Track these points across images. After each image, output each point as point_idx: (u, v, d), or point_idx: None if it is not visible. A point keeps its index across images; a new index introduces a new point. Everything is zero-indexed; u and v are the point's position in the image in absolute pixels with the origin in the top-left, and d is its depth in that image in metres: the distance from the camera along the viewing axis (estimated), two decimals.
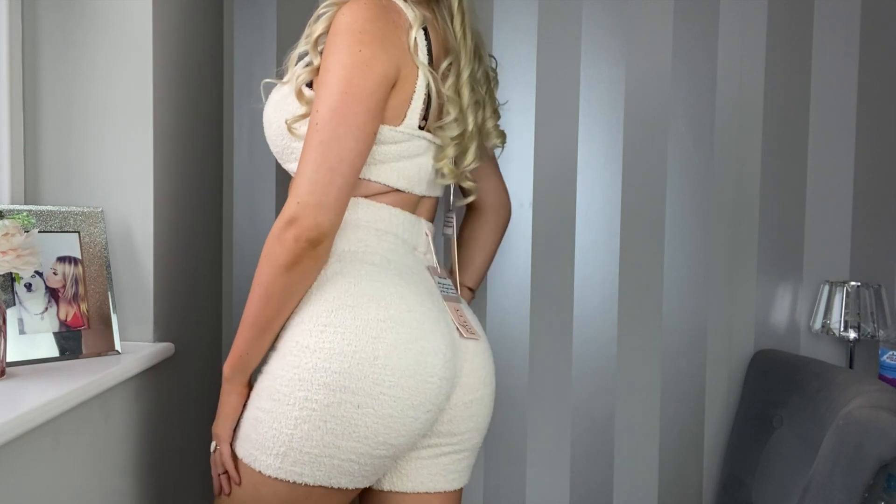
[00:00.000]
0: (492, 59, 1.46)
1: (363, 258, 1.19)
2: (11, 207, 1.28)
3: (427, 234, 1.31)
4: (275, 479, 1.13)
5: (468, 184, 1.35)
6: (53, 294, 1.28)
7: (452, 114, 1.24)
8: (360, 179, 1.20)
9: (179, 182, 1.53)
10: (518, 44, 1.80)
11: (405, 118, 1.20)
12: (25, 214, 1.25)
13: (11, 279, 1.23)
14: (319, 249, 1.10)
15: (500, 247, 1.81)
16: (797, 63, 1.81)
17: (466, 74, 1.26)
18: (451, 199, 1.45)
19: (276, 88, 1.26)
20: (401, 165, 1.23)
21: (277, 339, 1.17)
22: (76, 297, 1.31)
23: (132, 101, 1.38)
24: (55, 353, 1.26)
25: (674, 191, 1.82)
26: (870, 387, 1.45)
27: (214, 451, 1.21)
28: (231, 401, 1.20)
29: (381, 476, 1.26)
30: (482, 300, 1.83)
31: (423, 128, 1.23)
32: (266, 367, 1.17)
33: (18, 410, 0.97)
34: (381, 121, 1.16)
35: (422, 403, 1.14)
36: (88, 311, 1.32)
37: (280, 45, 1.80)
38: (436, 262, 1.33)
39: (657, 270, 1.83)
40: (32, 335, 1.24)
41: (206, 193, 1.74)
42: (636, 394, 1.84)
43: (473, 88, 1.29)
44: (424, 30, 1.22)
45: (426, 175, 1.27)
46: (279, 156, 1.27)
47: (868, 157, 1.81)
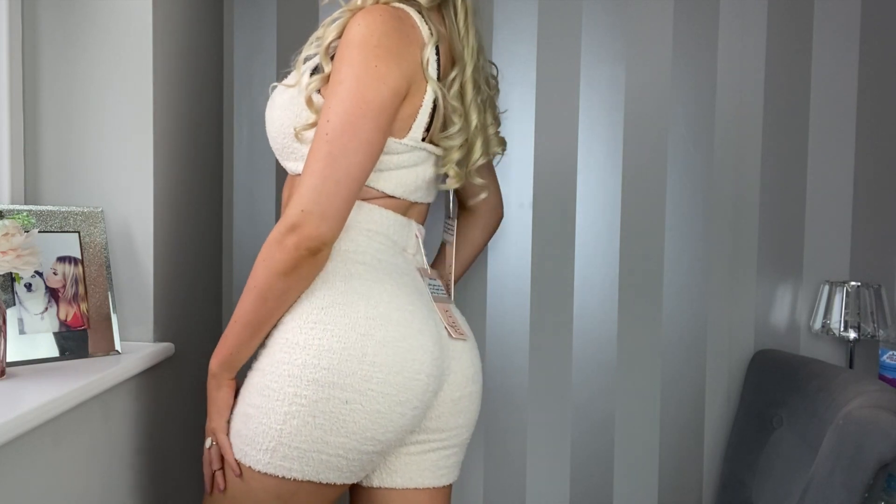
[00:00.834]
0: (492, 66, 1.46)
1: (354, 258, 1.20)
2: (11, 207, 1.28)
3: (417, 236, 1.32)
4: (264, 475, 1.15)
5: (478, 181, 1.35)
6: (53, 294, 1.28)
7: (458, 124, 1.25)
8: None
9: (179, 182, 1.53)
10: (518, 44, 1.80)
11: (410, 131, 1.20)
12: (25, 214, 1.25)
13: (11, 279, 1.23)
14: (319, 257, 1.11)
15: (501, 247, 1.83)
16: (797, 63, 1.81)
17: (469, 71, 1.26)
18: (451, 206, 1.46)
19: (281, 91, 1.25)
20: (399, 174, 1.23)
21: (268, 337, 1.18)
22: (76, 297, 1.31)
23: (132, 101, 1.38)
24: (55, 353, 1.26)
25: (674, 191, 1.82)
26: (870, 387, 1.45)
27: (210, 448, 1.22)
28: (222, 395, 1.21)
29: (370, 472, 1.27)
30: (482, 300, 1.83)
31: (425, 139, 1.24)
32: (256, 364, 1.18)
33: (18, 410, 0.97)
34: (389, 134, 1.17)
35: (409, 400, 1.15)
36: (88, 311, 1.32)
37: (280, 45, 1.81)
38: (426, 264, 1.34)
39: (657, 270, 1.83)
40: (32, 335, 1.24)
41: (206, 193, 1.74)
42: (636, 394, 1.84)
43: (477, 88, 1.29)
44: (438, 48, 1.22)
45: (423, 183, 1.28)
46: (279, 153, 1.27)
47: (868, 157, 1.81)
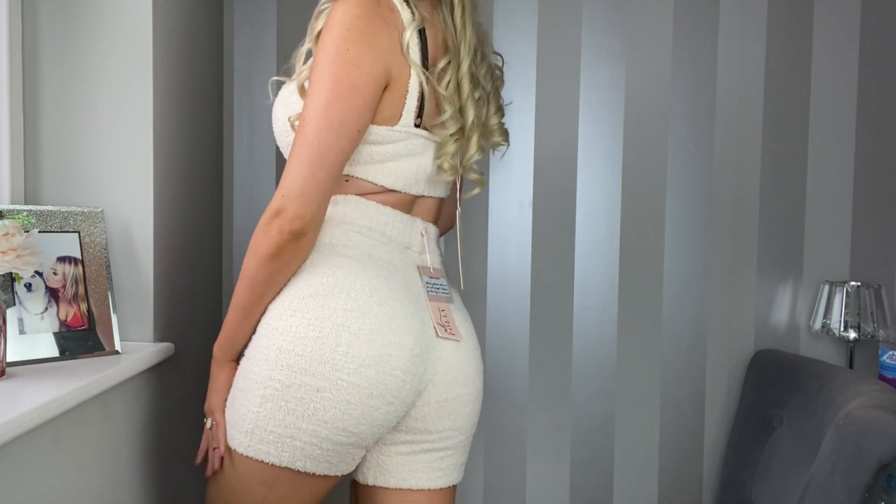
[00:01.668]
0: (498, 57, 1.46)
1: (341, 251, 1.21)
2: (11, 207, 1.28)
3: (423, 234, 1.31)
4: (247, 458, 1.18)
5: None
6: (53, 294, 1.28)
7: (449, 111, 1.25)
8: (356, 178, 1.23)
9: (179, 182, 1.53)
10: (518, 44, 1.80)
11: (401, 118, 1.21)
12: (25, 214, 1.25)
13: (11, 279, 1.23)
14: (302, 241, 1.14)
15: (501, 247, 1.83)
16: (797, 63, 1.81)
17: (465, 67, 1.26)
18: (459, 198, 1.44)
19: (285, 85, 1.28)
20: (397, 166, 1.23)
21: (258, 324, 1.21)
22: (76, 297, 1.31)
23: (132, 101, 1.38)
24: (55, 353, 1.26)
25: (674, 191, 1.82)
26: (870, 387, 1.45)
27: (211, 427, 1.25)
28: (221, 376, 1.25)
29: (356, 467, 1.29)
30: (482, 300, 1.83)
31: (420, 125, 1.23)
32: (246, 350, 1.22)
33: (18, 410, 0.97)
34: (374, 121, 1.18)
35: (382, 394, 1.16)
36: (88, 311, 1.32)
37: (280, 45, 1.81)
38: (431, 262, 1.33)
39: (657, 270, 1.83)
40: (32, 335, 1.24)
41: (206, 193, 1.74)
42: (636, 394, 1.84)
43: (475, 82, 1.29)
44: (422, 30, 1.22)
45: (424, 175, 1.27)
46: (285, 151, 1.27)
47: (868, 158, 1.81)
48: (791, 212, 1.83)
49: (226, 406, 1.23)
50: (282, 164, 1.29)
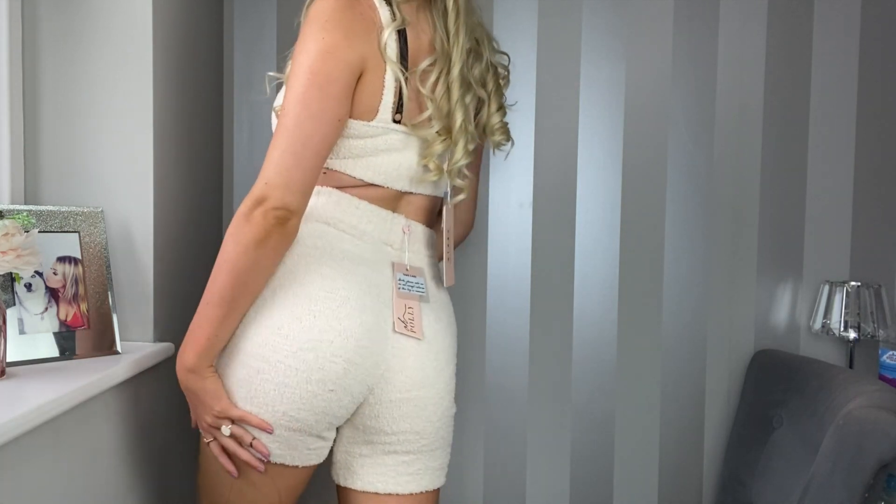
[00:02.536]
0: (504, 56, 1.47)
1: (304, 241, 1.22)
2: (11, 207, 1.28)
3: (405, 232, 1.30)
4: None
5: (458, 182, 1.34)
6: (53, 294, 1.28)
7: (429, 110, 1.25)
8: (334, 171, 1.24)
9: (179, 182, 1.53)
10: (518, 44, 1.80)
11: (377, 113, 1.22)
12: (25, 214, 1.25)
13: (11, 279, 1.23)
14: (288, 226, 1.14)
15: (501, 247, 1.82)
16: (797, 63, 1.81)
17: (456, 71, 1.26)
18: (449, 195, 1.43)
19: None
20: (376, 161, 1.24)
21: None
22: (76, 297, 1.31)
23: (132, 101, 1.38)
24: (55, 353, 1.26)
25: (674, 191, 1.82)
26: (870, 387, 1.45)
27: (230, 434, 1.19)
28: (209, 385, 1.18)
29: (336, 470, 1.31)
30: (482, 300, 1.83)
31: (399, 122, 1.24)
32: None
33: (18, 410, 0.97)
34: (352, 115, 1.19)
35: (321, 380, 1.16)
36: (88, 311, 1.32)
37: (280, 45, 1.81)
38: (409, 260, 1.30)
39: (657, 270, 1.83)
40: (32, 335, 1.24)
41: (206, 193, 1.74)
42: (636, 394, 1.84)
43: (467, 86, 1.29)
44: (401, 31, 1.22)
45: (407, 171, 1.27)
46: None
47: (868, 158, 1.81)
48: (791, 212, 1.83)
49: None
50: None
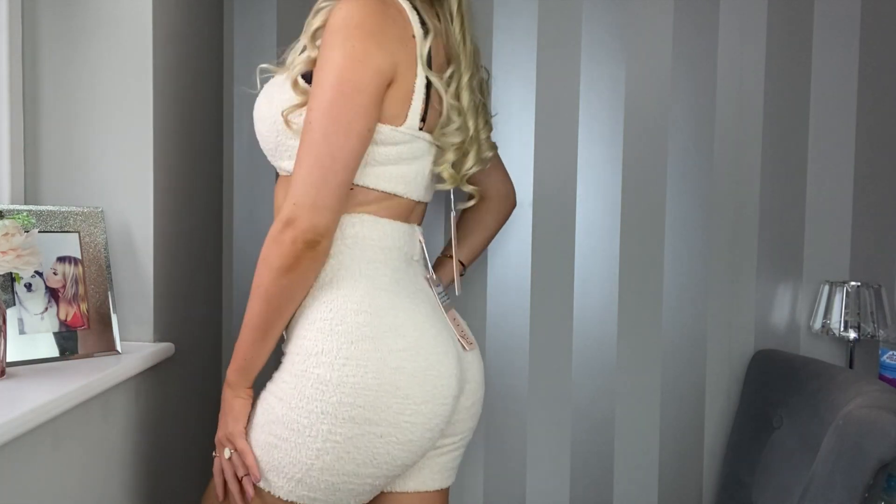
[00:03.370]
0: (484, 70, 1.43)
1: (374, 283, 1.17)
2: (11, 207, 1.28)
3: (421, 241, 1.30)
4: (284, 501, 1.15)
5: (468, 188, 1.34)
6: (53, 294, 1.28)
7: (457, 121, 1.23)
8: (359, 187, 1.18)
9: (179, 182, 1.53)
10: (518, 44, 1.80)
11: (406, 119, 1.18)
12: (25, 214, 1.25)
13: (11, 279, 1.23)
14: (318, 250, 1.09)
15: (501, 247, 1.82)
16: (797, 63, 1.81)
17: (466, 78, 1.25)
18: (453, 201, 1.44)
19: (271, 81, 1.23)
20: (400, 169, 1.20)
21: (291, 364, 1.15)
22: (76, 297, 1.31)
23: (132, 101, 1.38)
24: (55, 353, 1.26)
25: (674, 191, 1.82)
26: (870, 387, 1.45)
27: (228, 458, 1.18)
28: (237, 405, 1.19)
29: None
30: (482, 300, 1.83)
31: (423, 129, 1.21)
32: (280, 393, 1.15)
33: (18, 410, 0.97)
34: (380, 119, 1.15)
35: (437, 425, 1.18)
36: (88, 311, 1.32)
37: (280, 45, 1.80)
38: (429, 270, 1.32)
39: (657, 270, 1.83)
40: (32, 335, 1.24)
41: (206, 193, 1.74)
42: (636, 394, 1.84)
43: (473, 92, 1.28)
44: (426, 35, 1.20)
45: (423, 180, 1.25)
46: (270, 153, 1.24)
47: (868, 157, 1.81)
48: (791, 212, 1.83)
49: (254, 448, 1.16)
50: (275, 167, 1.28)
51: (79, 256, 1.32)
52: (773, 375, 1.73)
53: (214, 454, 1.22)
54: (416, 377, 1.13)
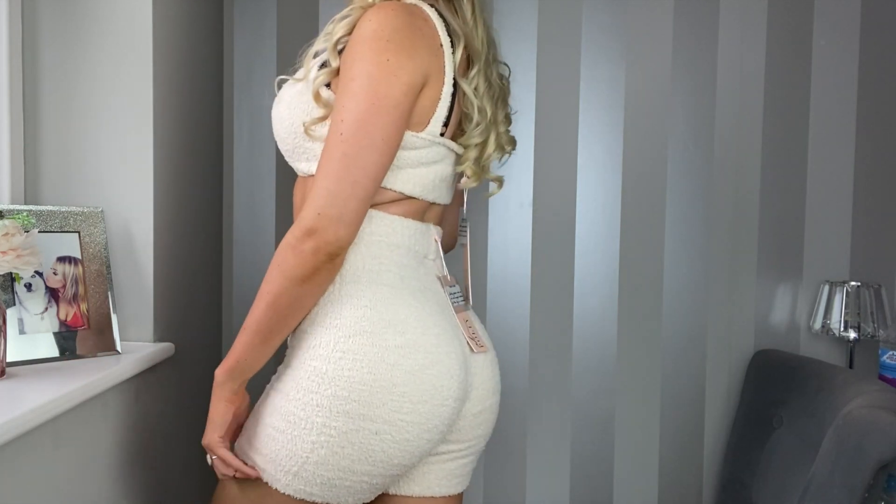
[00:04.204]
0: (505, 67, 1.43)
1: (378, 279, 1.16)
2: (11, 207, 1.28)
3: (436, 241, 1.28)
4: (283, 495, 1.14)
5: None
6: (53, 294, 1.28)
7: (482, 124, 1.23)
8: None
9: (179, 182, 1.53)
10: (518, 44, 1.80)
11: (428, 125, 1.17)
12: (25, 214, 1.25)
13: (11, 279, 1.23)
14: (336, 261, 1.08)
15: (501, 247, 1.83)
16: (797, 63, 1.81)
17: (481, 64, 1.24)
18: (464, 207, 1.44)
19: (289, 85, 1.22)
20: (418, 172, 1.19)
21: (291, 358, 1.15)
22: (76, 297, 1.31)
23: (132, 101, 1.38)
24: (55, 353, 1.26)
25: (674, 191, 1.82)
26: (870, 387, 1.45)
27: (212, 465, 1.19)
28: (219, 409, 1.17)
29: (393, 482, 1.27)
30: (482, 300, 1.83)
31: (443, 134, 1.20)
32: (279, 385, 1.15)
33: (18, 410, 0.97)
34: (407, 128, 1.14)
35: (436, 426, 1.15)
36: (88, 311, 1.32)
37: (280, 45, 1.81)
38: (445, 270, 1.30)
39: (657, 270, 1.83)
40: (32, 335, 1.24)
41: (206, 193, 1.74)
42: (636, 394, 1.84)
43: (488, 81, 1.26)
44: (452, 41, 1.20)
45: (440, 182, 1.24)
46: (288, 154, 1.23)
47: (868, 158, 1.81)
48: (791, 212, 1.83)
49: (256, 437, 1.16)
50: (282, 164, 1.29)
51: (79, 256, 1.32)
52: (773, 375, 1.73)
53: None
54: (414, 375, 1.12)
